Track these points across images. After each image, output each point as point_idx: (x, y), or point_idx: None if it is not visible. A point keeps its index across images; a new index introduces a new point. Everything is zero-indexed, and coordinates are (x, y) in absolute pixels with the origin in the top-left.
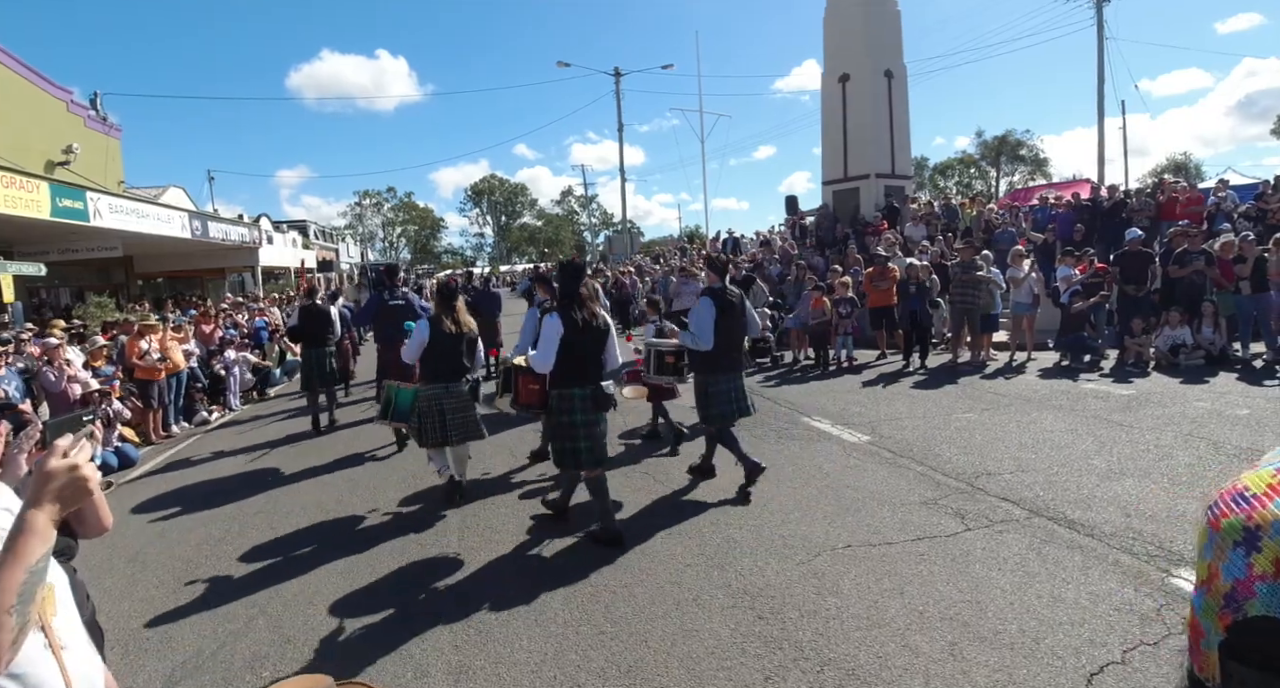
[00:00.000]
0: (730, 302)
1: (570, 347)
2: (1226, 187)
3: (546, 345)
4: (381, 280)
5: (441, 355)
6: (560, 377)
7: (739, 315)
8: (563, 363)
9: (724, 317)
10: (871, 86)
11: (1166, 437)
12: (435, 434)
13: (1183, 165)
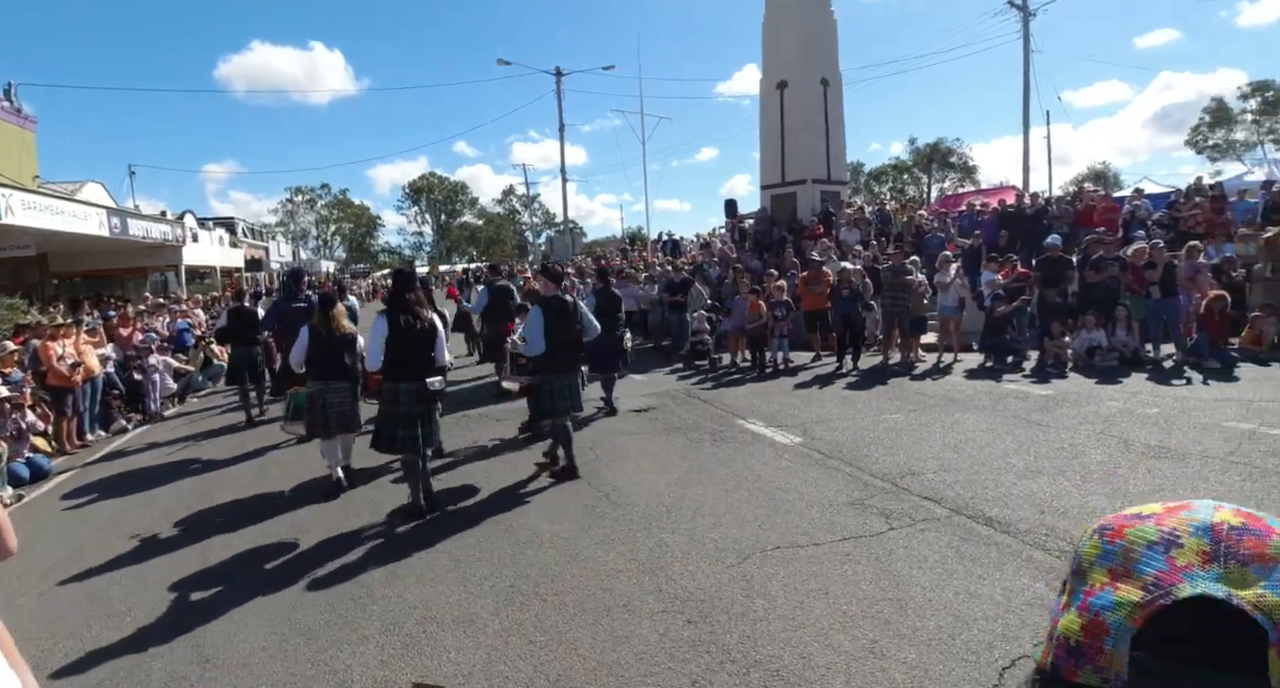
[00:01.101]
0: (562, 308)
1: (396, 346)
2: (1141, 195)
3: (373, 345)
4: (287, 285)
5: (322, 357)
6: (388, 372)
7: (572, 320)
8: (389, 360)
9: (555, 323)
10: (808, 94)
11: (1080, 435)
12: (319, 427)
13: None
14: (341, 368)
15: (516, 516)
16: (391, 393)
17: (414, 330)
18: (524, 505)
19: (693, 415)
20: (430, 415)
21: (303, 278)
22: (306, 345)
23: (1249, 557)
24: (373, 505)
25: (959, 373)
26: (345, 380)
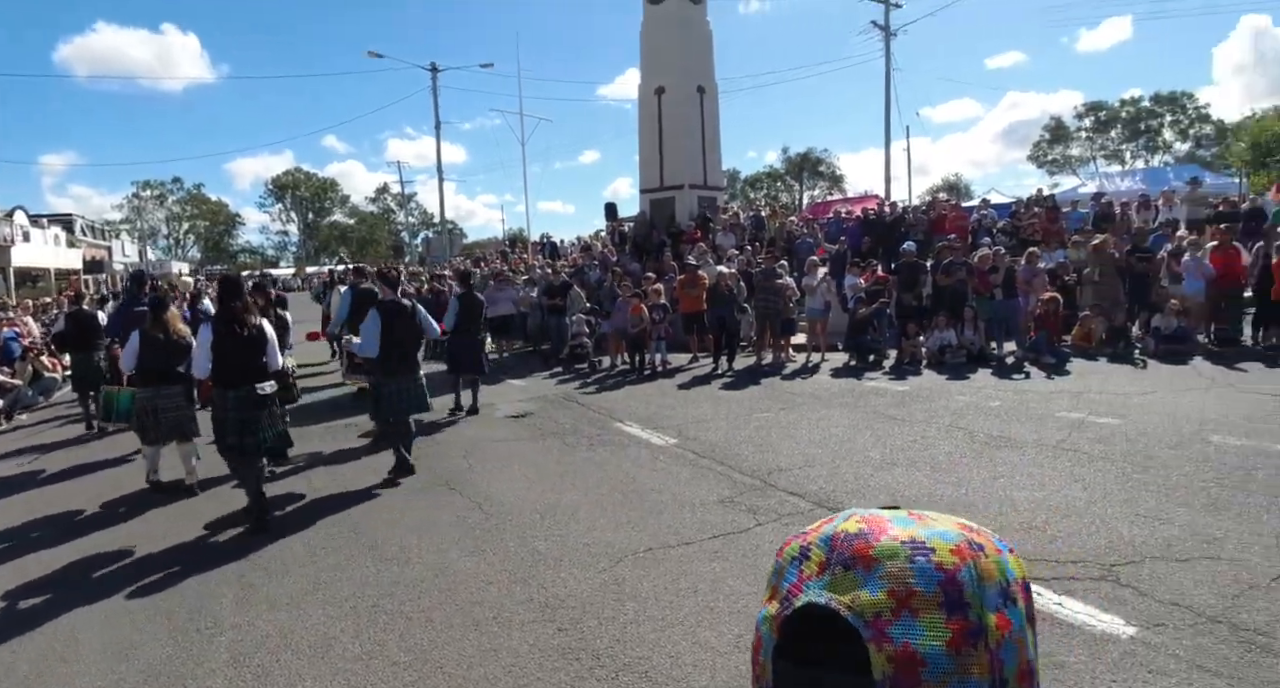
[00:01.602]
0: (399, 312)
1: (223, 354)
2: (988, 205)
3: (200, 352)
4: (130, 288)
5: (154, 362)
6: (216, 379)
7: (410, 323)
8: (216, 368)
9: (392, 326)
10: (685, 101)
11: (932, 429)
12: (149, 432)
13: (955, 185)
14: (174, 373)
15: (382, 530)
16: (220, 400)
17: (240, 337)
18: (390, 518)
19: (570, 419)
20: (262, 421)
21: (145, 281)
22: (138, 350)
23: (853, 560)
24: (228, 523)
25: (826, 372)
26: (177, 386)
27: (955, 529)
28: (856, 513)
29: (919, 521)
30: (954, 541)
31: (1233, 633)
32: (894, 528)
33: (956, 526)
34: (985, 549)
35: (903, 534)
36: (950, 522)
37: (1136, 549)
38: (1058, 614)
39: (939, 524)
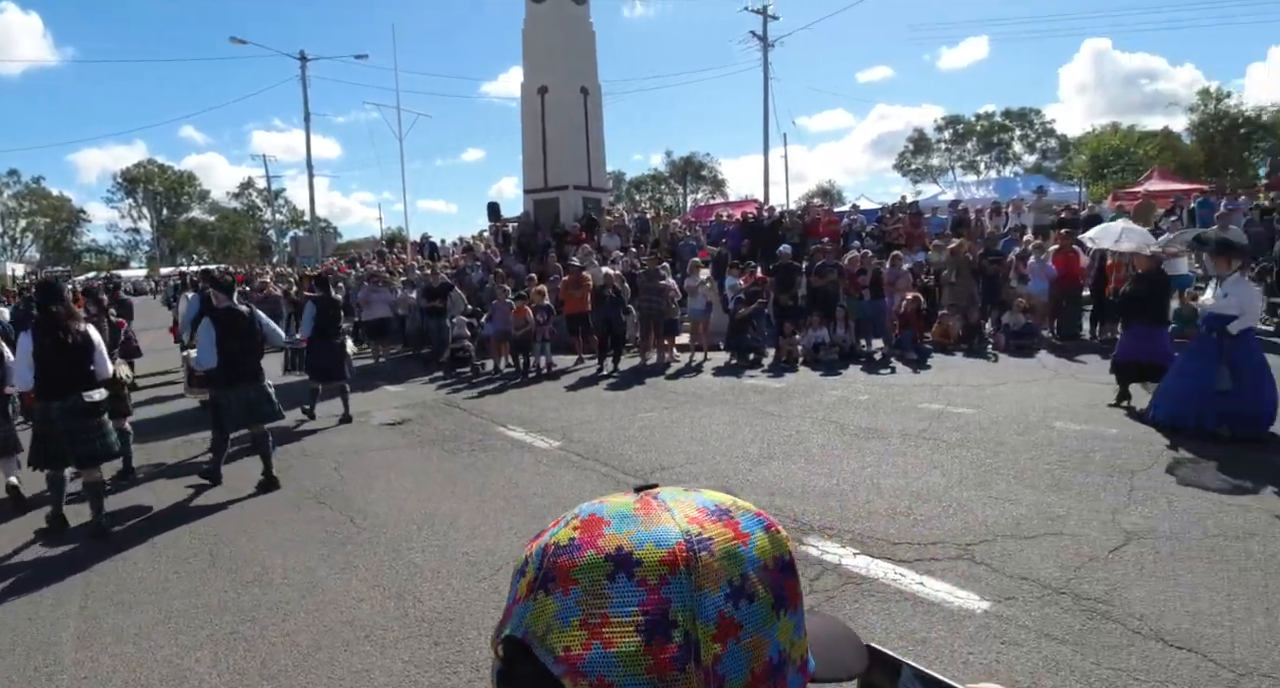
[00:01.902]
0: (235, 319)
1: (45, 363)
2: (858, 211)
3: (20, 361)
4: None
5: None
6: (39, 389)
7: (249, 331)
8: (39, 377)
9: (227, 335)
10: (568, 101)
11: (806, 423)
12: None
13: (829, 191)
14: None
15: (242, 549)
16: (43, 412)
17: (63, 344)
18: (251, 537)
19: (451, 425)
20: (92, 431)
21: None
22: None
23: (553, 582)
24: (64, 540)
25: (708, 371)
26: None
27: (682, 525)
28: (580, 514)
29: (645, 516)
30: (669, 544)
31: (1075, 603)
32: (606, 535)
33: (692, 515)
34: (714, 543)
35: (610, 544)
36: (687, 510)
37: (989, 529)
38: (919, 593)
39: (664, 521)
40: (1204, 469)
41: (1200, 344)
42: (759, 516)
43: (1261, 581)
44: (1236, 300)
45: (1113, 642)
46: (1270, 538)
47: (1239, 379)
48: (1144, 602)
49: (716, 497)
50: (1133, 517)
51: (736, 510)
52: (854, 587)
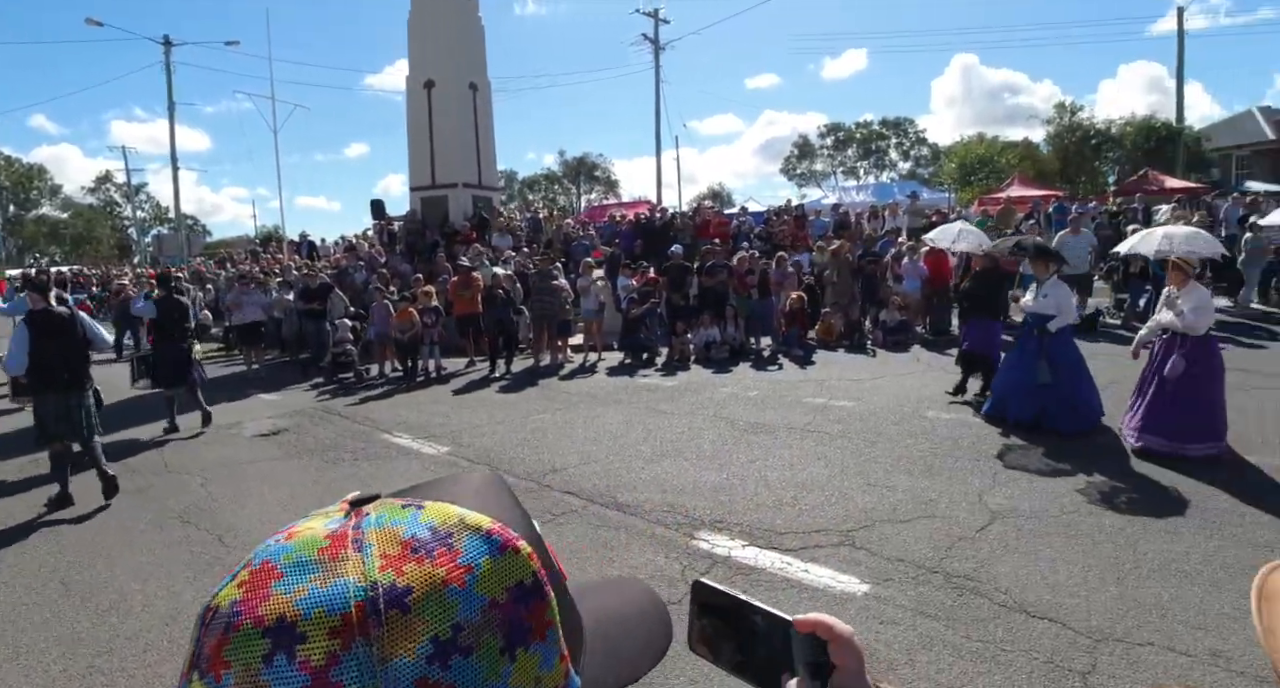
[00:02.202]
0: (50, 322)
1: None
2: (746, 213)
3: None
4: None
5: None
6: None
7: (68, 336)
8: None
9: (42, 339)
10: (457, 96)
11: (698, 420)
12: None
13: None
14: None
15: (98, 573)
16: None
17: None
18: (107, 560)
19: (331, 434)
20: None
21: None
22: None
23: (207, 663)
24: None
25: (602, 371)
26: None
27: (370, 573)
28: (254, 560)
29: (328, 561)
30: (344, 605)
31: (947, 581)
32: (271, 596)
33: (390, 553)
34: (413, 592)
35: (272, 611)
36: (388, 545)
37: (868, 515)
38: (804, 580)
39: (347, 569)
40: (1031, 454)
41: (1023, 342)
42: (492, 534)
43: (1113, 552)
44: (1054, 301)
45: (981, 615)
46: (1118, 512)
47: (1058, 374)
48: (1008, 577)
49: (439, 516)
50: (997, 498)
51: (460, 534)
52: (743, 578)
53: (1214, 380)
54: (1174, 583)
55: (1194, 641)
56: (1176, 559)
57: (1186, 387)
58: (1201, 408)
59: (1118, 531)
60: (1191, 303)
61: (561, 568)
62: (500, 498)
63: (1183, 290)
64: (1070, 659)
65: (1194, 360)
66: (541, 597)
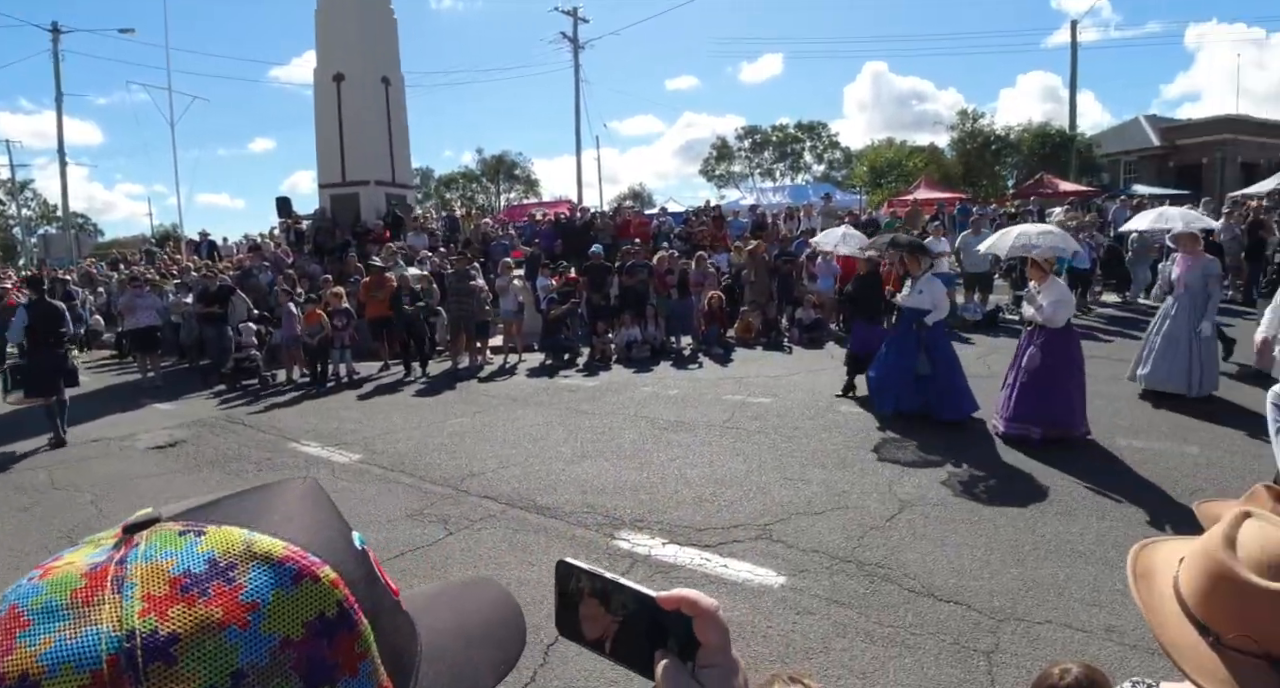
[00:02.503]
0: None
1: None
2: (666, 213)
3: None
4: None
5: None
6: None
7: None
8: None
9: None
10: (368, 91)
11: (619, 419)
12: None
13: (640, 193)
14: None
15: None
16: None
17: None
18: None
19: (234, 445)
20: None
21: None
22: None
23: None
24: None
25: (522, 372)
26: None
27: (129, 620)
28: (5, 600)
29: (81, 606)
30: (94, 662)
31: (859, 569)
32: (15, 649)
33: (156, 592)
34: (180, 640)
35: (14, 668)
36: (154, 583)
37: (785, 508)
38: (723, 575)
39: (103, 614)
40: (934, 445)
41: (900, 336)
42: (285, 562)
43: (1013, 535)
44: (929, 296)
45: (892, 602)
46: (1017, 497)
47: (936, 366)
48: (917, 563)
49: (221, 543)
50: (906, 487)
51: (244, 565)
52: (663, 576)
53: (1072, 370)
54: (1070, 563)
55: (1089, 617)
56: (1072, 540)
57: (1045, 376)
58: (1059, 395)
59: (1017, 515)
60: (1050, 297)
61: (390, 583)
62: (315, 513)
63: (1043, 286)
64: (975, 640)
65: (1050, 352)
66: (350, 628)
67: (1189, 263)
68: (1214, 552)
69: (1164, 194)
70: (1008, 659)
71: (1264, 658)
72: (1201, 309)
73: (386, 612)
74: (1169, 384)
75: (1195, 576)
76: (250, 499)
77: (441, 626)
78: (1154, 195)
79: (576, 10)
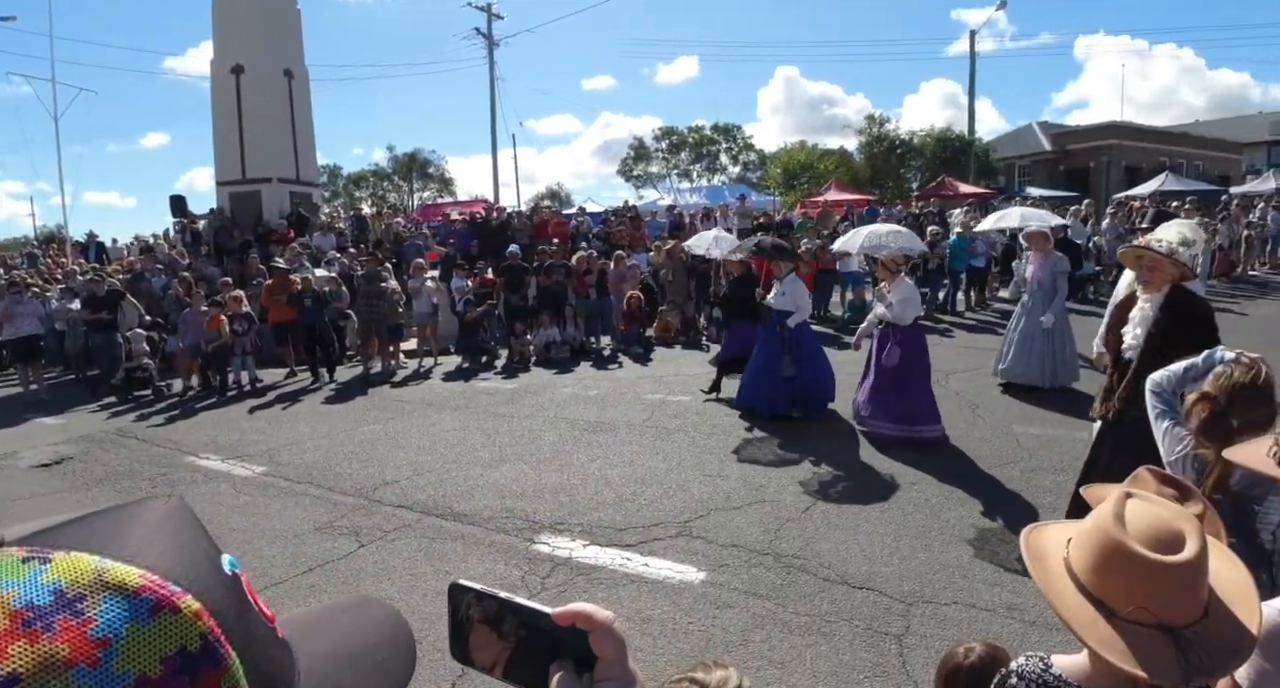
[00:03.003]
0: None
1: None
2: (585, 213)
3: None
4: None
5: None
6: None
7: None
8: None
9: None
10: (269, 84)
11: (538, 422)
12: None
13: (558, 193)
14: None
15: None
16: None
17: None
18: None
19: (126, 460)
20: None
21: None
22: None
23: None
24: None
25: (438, 376)
26: None
27: None
28: None
29: None
30: None
31: (777, 561)
32: None
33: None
34: (21, 682)
35: None
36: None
37: (704, 505)
38: (644, 573)
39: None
40: (818, 440)
41: (767, 338)
42: (141, 592)
43: (921, 522)
44: (791, 297)
45: (808, 591)
46: (924, 485)
47: (800, 365)
48: (831, 553)
49: (69, 572)
50: (821, 479)
51: (95, 595)
52: (584, 578)
53: (922, 367)
54: (974, 546)
55: (992, 597)
56: (975, 523)
57: (901, 373)
58: (912, 392)
59: (924, 502)
60: (898, 296)
61: (265, 610)
62: (178, 535)
63: (892, 285)
64: (887, 624)
65: (907, 349)
66: (215, 663)
67: (1040, 261)
68: (1107, 530)
69: (1054, 196)
70: (917, 641)
71: (1157, 628)
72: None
73: (259, 642)
74: (1025, 377)
75: (1088, 553)
76: (104, 521)
77: (323, 652)
78: (1045, 197)
79: (490, 6)
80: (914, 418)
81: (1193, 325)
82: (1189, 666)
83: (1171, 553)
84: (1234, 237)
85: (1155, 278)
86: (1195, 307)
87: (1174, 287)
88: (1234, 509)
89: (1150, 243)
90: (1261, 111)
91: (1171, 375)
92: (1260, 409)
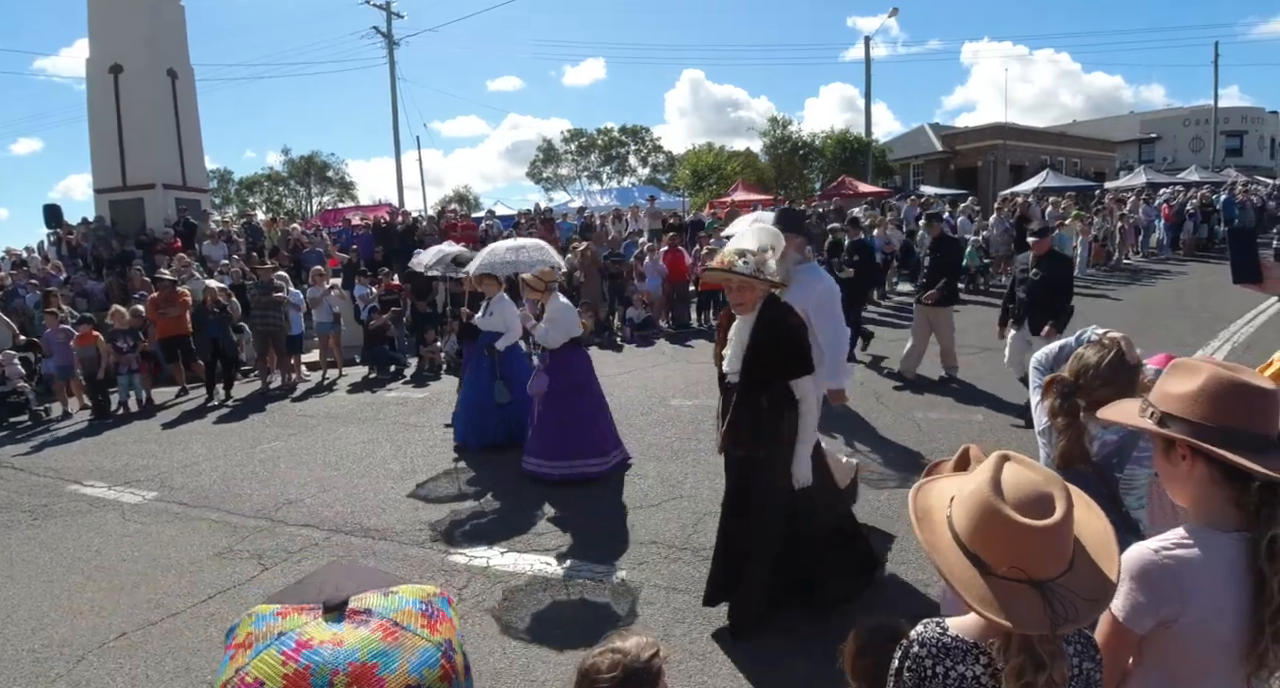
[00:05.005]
0: None
1: None
2: (494, 216)
3: None
4: None
5: None
6: None
7: None
8: None
9: None
10: (151, 84)
11: (450, 431)
12: None
13: (465, 196)
14: None
15: None
16: None
17: None
18: None
19: (3, 492)
20: None
21: None
22: None
23: None
24: None
25: (343, 388)
26: None
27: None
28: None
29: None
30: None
31: (694, 555)
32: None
33: None
34: None
35: None
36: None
37: (623, 504)
38: (566, 577)
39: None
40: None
41: (476, 365)
42: (439, 594)
43: None
44: (499, 318)
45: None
46: None
47: (515, 391)
48: None
49: (409, 592)
50: None
51: (434, 600)
52: (502, 585)
53: (581, 394)
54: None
55: (927, 572)
56: (880, 506)
57: (557, 403)
58: (574, 423)
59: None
60: (546, 315)
61: None
62: (370, 570)
63: (547, 304)
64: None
65: (555, 375)
66: (445, 605)
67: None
68: (985, 495)
69: (946, 193)
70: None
71: (1027, 582)
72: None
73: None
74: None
75: (967, 514)
76: (357, 573)
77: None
78: (938, 194)
79: (389, 4)
80: (576, 453)
81: (787, 336)
82: (1055, 616)
83: (1044, 517)
84: (1109, 228)
85: (748, 299)
86: (790, 316)
87: (765, 302)
88: (1098, 479)
89: (734, 264)
90: (1133, 112)
91: (1047, 354)
92: (1105, 388)
